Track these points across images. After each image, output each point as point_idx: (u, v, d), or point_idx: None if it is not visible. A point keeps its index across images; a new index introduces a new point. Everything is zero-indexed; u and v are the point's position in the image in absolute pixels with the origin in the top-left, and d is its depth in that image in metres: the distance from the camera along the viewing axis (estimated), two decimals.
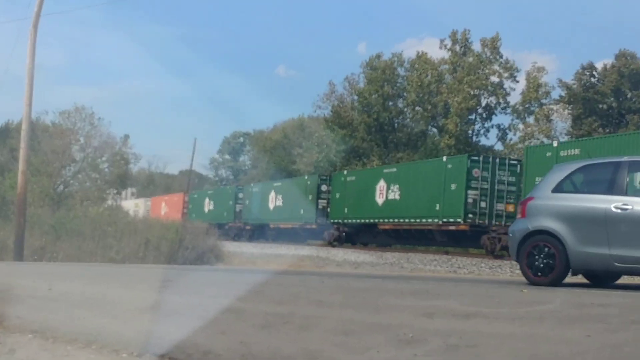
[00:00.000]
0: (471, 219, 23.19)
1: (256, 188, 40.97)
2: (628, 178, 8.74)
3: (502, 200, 23.26)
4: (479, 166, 23.43)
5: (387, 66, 46.13)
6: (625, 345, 4.52)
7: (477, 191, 23.19)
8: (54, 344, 4.88)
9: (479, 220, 23.12)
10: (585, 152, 18.54)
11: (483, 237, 22.58)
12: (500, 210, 23.14)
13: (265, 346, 4.57)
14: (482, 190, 23.23)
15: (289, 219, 34.65)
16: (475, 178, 23.22)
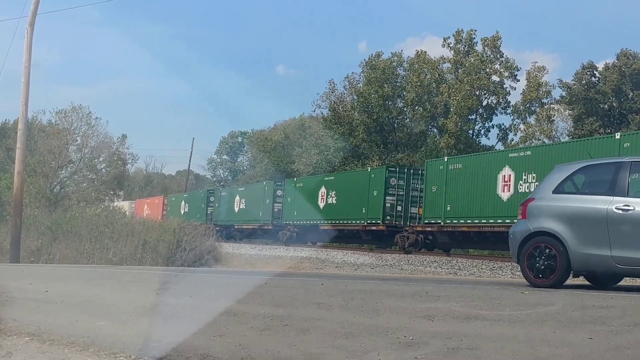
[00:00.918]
0: (388, 221, 27.22)
1: (224, 192, 44.99)
2: (629, 179, 8.69)
3: (415, 204, 27.10)
4: (395, 176, 27.56)
5: (386, 66, 46.14)
6: (627, 348, 4.48)
7: (394, 197, 27.38)
8: (51, 347, 4.84)
9: (395, 222, 27.18)
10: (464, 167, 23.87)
11: (396, 235, 26.47)
12: (414, 213, 26.99)
13: (264, 349, 4.53)
14: (399, 196, 27.39)
15: (250, 220, 38.48)
16: (392, 186, 27.40)
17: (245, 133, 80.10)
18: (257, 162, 70.39)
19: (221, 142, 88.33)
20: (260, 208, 37.62)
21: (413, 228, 25.95)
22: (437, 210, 24.41)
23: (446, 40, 45.24)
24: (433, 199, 24.77)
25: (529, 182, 20.67)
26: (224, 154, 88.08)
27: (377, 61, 46.91)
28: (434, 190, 24.89)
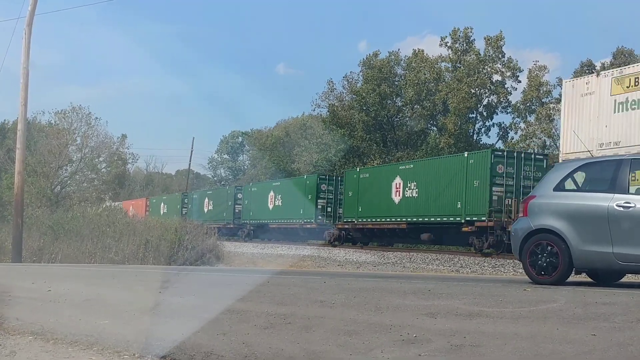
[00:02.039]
0: (320, 220, 33.04)
1: (195, 195, 49.94)
2: (630, 176, 8.69)
3: (342, 206, 32.27)
4: (326, 182, 33.97)
5: (383, 64, 46.11)
6: (630, 344, 4.48)
7: (324, 200, 33.52)
8: (55, 346, 4.84)
9: (326, 221, 32.89)
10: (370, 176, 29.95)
11: (325, 232, 32.40)
12: (341, 213, 32.29)
13: (267, 347, 4.53)
14: (329, 199, 33.59)
15: (217, 220, 42.41)
16: (323, 191, 33.71)
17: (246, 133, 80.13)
18: (257, 161, 70.41)
19: (222, 141, 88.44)
20: (224, 209, 43.28)
21: (336, 226, 31.93)
22: (353, 211, 30.46)
23: (443, 39, 45.26)
24: (349, 202, 30.87)
25: (412, 188, 26.37)
26: (225, 153, 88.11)
27: (375, 60, 46.91)
28: (350, 195, 30.88)
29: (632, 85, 18.02)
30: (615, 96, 18.37)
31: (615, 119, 18.17)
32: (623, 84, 18.24)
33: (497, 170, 22.67)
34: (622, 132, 18.03)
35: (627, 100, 18.04)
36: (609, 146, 18.14)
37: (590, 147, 18.17)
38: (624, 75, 18.43)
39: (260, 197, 39.20)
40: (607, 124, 18.37)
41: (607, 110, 18.43)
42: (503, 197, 22.49)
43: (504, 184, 22.63)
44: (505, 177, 22.71)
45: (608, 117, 18.37)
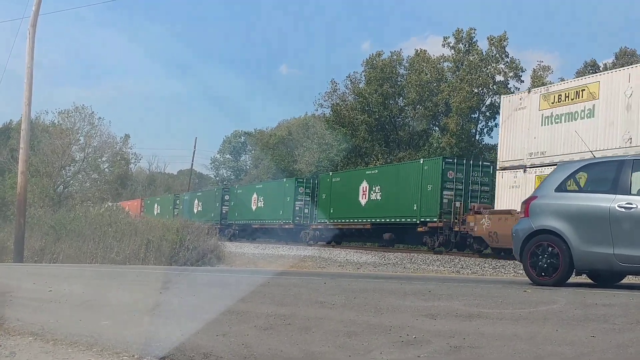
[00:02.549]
0: (297, 220, 35.69)
1: (186, 196, 52.13)
2: (632, 177, 8.68)
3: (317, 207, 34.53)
4: (303, 185, 36.50)
5: (386, 65, 46.11)
6: (630, 346, 4.49)
7: (302, 202, 35.84)
8: (55, 347, 4.85)
9: (303, 221, 35.60)
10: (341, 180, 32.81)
11: (302, 232, 35.00)
12: (316, 214, 34.43)
13: (267, 348, 4.54)
14: (305, 201, 35.81)
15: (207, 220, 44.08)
16: (300, 193, 36.14)
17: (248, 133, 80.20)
18: (259, 161, 70.45)
19: (224, 141, 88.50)
20: (212, 210, 45.16)
21: (311, 226, 34.56)
22: (326, 212, 32.91)
23: (446, 39, 45.25)
24: (323, 204, 33.35)
25: (376, 192, 28.98)
26: (227, 153, 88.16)
27: (378, 60, 46.92)
28: (323, 198, 33.59)
29: (556, 101, 20.19)
30: (542, 111, 20.56)
31: (542, 131, 20.34)
32: (549, 100, 20.48)
33: (447, 176, 25.00)
34: (548, 143, 20.18)
35: (552, 115, 20.23)
36: (537, 156, 20.42)
37: (522, 156, 20.89)
38: (550, 92, 20.68)
39: (245, 198, 41.70)
40: (536, 136, 20.53)
41: (535, 124, 20.61)
42: (453, 200, 24.55)
43: (454, 188, 24.88)
44: (455, 182, 24.93)
45: (536, 130, 20.54)
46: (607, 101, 18.72)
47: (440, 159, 26.06)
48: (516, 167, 21.33)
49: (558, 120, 20.03)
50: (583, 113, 19.35)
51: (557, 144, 19.87)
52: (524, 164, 21.03)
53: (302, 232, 35.04)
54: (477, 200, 24.80)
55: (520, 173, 21.05)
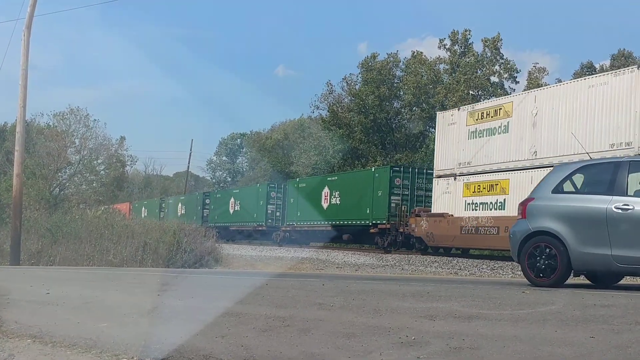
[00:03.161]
0: (270, 223, 38.76)
1: (171, 200, 55.66)
2: (628, 178, 8.70)
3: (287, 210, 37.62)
4: (275, 190, 39.46)
5: (382, 67, 46.16)
6: (629, 347, 4.49)
7: (274, 205, 39.04)
8: (53, 349, 4.84)
9: (275, 224, 38.57)
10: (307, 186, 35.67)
11: (273, 234, 38.04)
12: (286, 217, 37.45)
13: (266, 350, 4.53)
14: (277, 205, 38.92)
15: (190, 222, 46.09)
16: (272, 197, 39.25)
17: (245, 135, 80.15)
18: (256, 163, 70.42)
19: (220, 143, 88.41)
20: (194, 213, 47.48)
21: (281, 228, 37.45)
22: (294, 215, 36.12)
23: (442, 41, 45.33)
24: (291, 208, 36.56)
25: (336, 197, 32.18)
26: (223, 155, 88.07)
27: (374, 62, 46.95)
28: (292, 202, 36.55)
29: (480, 118, 22.74)
30: (469, 126, 23.11)
31: (468, 144, 22.95)
32: (474, 117, 23.02)
33: (395, 183, 27.78)
34: (472, 155, 22.73)
35: (477, 130, 22.79)
36: (464, 165, 23.15)
37: (453, 165, 23.64)
38: (475, 110, 23.30)
39: (224, 202, 44.89)
40: (464, 148, 23.16)
41: (463, 137, 23.24)
42: (400, 204, 27.31)
43: (401, 193, 27.64)
44: (402, 188, 27.70)
45: (464, 143, 23.21)
46: (518, 119, 21.16)
47: (388, 168, 29.25)
48: (448, 175, 23.94)
49: (481, 134, 22.61)
50: (500, 129, 21.86)
51: (479, 156, 22.48)
52: (454, 173, 23.68)
53: (273, 233, 38.02)
54: (422, 204, 27.23)
55: (451, 180, 23.68)
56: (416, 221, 24.99)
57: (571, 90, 19.78)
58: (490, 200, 21.81)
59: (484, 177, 22.19)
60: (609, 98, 18.31)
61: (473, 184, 22.56)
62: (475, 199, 22.35)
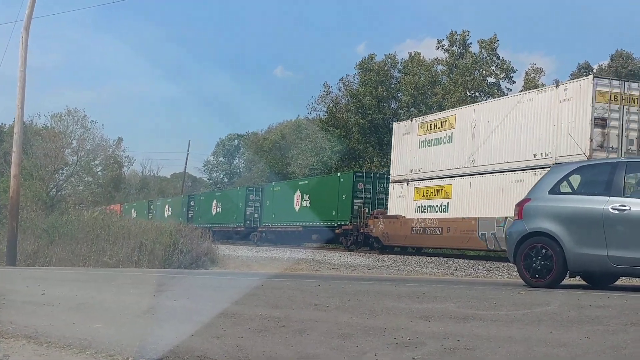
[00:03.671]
0: (248, 224, 40.89)
1: (159, 202, 58.04)
2: (625, 179, 8.72)
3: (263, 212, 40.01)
4: (253, 193, 41.68)
5: (380, 67, 46.19)
6: (624, 347, 4.49)
7: (252, 207, 41.03)
8: (48, 349, 4.83)
9: (253, 224, 40.66)
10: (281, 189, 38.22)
11: (251, 234, 40.15)
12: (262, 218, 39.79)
13: (261, 350, 4.53)
14: (255, 207, 40.82)
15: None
16: (251, 200, 41.27)
17: (242, 136, 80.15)
18: (253, 164, 70.41)
19: (218, 144, 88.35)
20: (180, 215, 48.29)
21: (258, 229, 39.66)
22: (269, 217, 38.66)
23: (440, 42, 45.38)
24: (267, 210, 39.13)
25: (306, 200, 34.49)
26: (221, 156, 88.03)
27: (371, 63, 46.98)
28: (267, 204, 39.12)
29: (429, 129, 25.04)
30: (420, 136, 25.46)
31: (419, 152, 25.27)
32: (424, 128, 25.32)
33: (358, 187, 30.23)
34: (422, 162, 25.03)
35: (426, 140, 25.08)
36: (415, 172, 25.48)
37: (406, 172, 25.98)
38: (425, 121, 25.67)
39: (207, 205, 47.34)
40: (415, 156, 25.48)
41: (415, 146, 25.61)
42: (362, 207, 29.54)
43: (363, 197, 30.02)
44: (364, 192, 30.10)
45: (416, 151, 25.54)
46: (460, 130, 23.26)
47: (351, 173, 31.92)
48: (402, 180, 26.34)
49: (430, 144, 24.88)
50: (445, 139, 24.10)
51: (428, 163, 24.79)
52: (407, 178, 26.02)
53: (251, 234, 40.23)
54: (382, 207, 28.98)
55: (404, 185, 26.10)
56: (374, 222, 27.36)
57: (503, 105, 21.87)
58: (436, 204, 24.12)
59: (431, 183, 24.50)
60: (533, 113, 20.22)
61: (422, 188, 24.96)
62: (424, 202, 24.77)
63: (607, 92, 18.68)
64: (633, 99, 18.71)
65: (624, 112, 18.68)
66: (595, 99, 18.46)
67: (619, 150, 18.55)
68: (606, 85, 18.79)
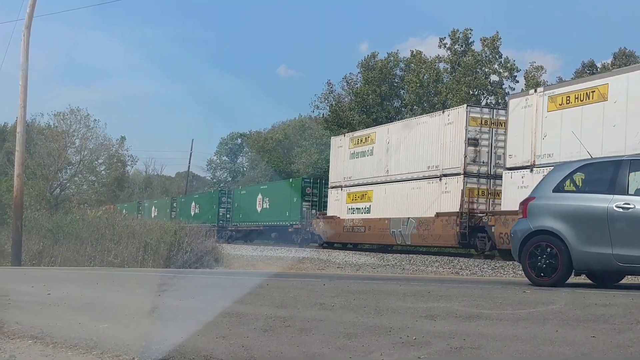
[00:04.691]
0: (221, 223, 43.36)
1: (147, 203, 60.68)
2: (629, 177, 8.70)
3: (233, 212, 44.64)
4: (225, 196, 46.17)
5: (383, 66, 46.14)
6: (630, 346, 4.49)
7: (225, 209, 45.06)
8: (54, 350, 4.84)
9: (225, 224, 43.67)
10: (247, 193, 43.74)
11: (222, 232, 41.56)
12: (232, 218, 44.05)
13: (267, 350, 4.53)
14: (227, 208, 45.00)
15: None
16: (223, 202, 45.16)
17: (245, 135, 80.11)
18: (256, 163, 70.39)
19: (221, 143, 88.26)
20: (164, 215, 50.15)
21: (228, 228, 43.25)
22: (237, 217, 43.35)
23: (442, 40, 45.28)
24: (236, 211, 43.64)
25: (266, 202, 39.36)
26: (224, 155, 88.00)
27: (373, 61, 46.93)
28: (236, 206, 43.71)
29: (357, 143, 29.35)
30: (350, 149, 29.76)
31: (350, 163, 29.68)
32: (354, 142, 29.72)
33: (306, 192, 34.95)
34: (352, 171, 29.35)
35: (355, 152, 29.41)
36: (347, 179, 29.72)
37: (340, 178, 30.28)
38: (355, 137, 30.09)
39: (187, 206, 51.54)
40: (347, 166, 29.83)
41: (347, 157, 29.91)
42: (310, 209, 34.26)
43: (311, 200, 34.68)
44: (312, 196, 34.80)
45: (347, 162, 29.88)
46: (379, 145, 27.54)
47: (300, 179, 37.01)
48: (338, 186, 30.74)
49: (357, 156, 29.17)
50: (368, 152, 28.38)
51: (356, 172, 28.99)
52: (341, 185, 30.31)
53: (223, 232, 42.64)
54: (325, 209, 32.77)
55: (340, 190, 30.46)
56: (316, 222, 32.22)
57: (407, 125, 26.54)
58: (361, 206, 28.51)
59: (358, 189, 28.95)
60: (427, 134, 24.34)
61: (352, 193, 29.41)
62: (353, 205, 29.17)
63: (478, 118, 22.41)
64: (500, 123, 22.00)
65: (493, 133, 22.32)
66: (469, 123, 22.24)
67: (489, 163, 22.44)
68: (478, 112, 22.71)
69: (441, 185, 23.32)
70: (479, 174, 22.39)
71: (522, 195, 16.53)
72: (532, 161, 19.05)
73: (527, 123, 19.32)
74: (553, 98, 18.75)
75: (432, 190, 23.80)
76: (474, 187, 22.35)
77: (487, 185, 22.39)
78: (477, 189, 22.38)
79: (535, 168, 18.77)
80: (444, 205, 22.91)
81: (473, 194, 22.18)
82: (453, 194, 22.57)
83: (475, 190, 22.27)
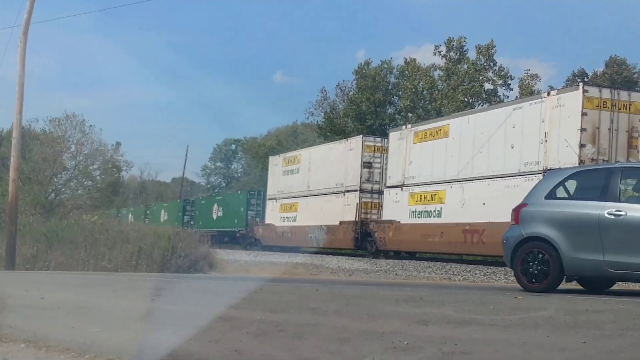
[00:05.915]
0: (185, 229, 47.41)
1: (124, 211, 63.52)
2: (621, 184, 8.76)
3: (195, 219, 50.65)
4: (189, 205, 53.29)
5: (377, 73, 46.20)
6: (621, 352, 4.52)
7: (189, 216, 50.65)
8: (47, 353, 4.84)
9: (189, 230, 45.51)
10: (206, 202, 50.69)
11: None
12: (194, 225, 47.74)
13: (259, 354, 4.55)
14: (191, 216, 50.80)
15: None
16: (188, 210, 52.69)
17: (239, 141, 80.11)
18: (250, 168, 70.41)
19: (215, 149, 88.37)
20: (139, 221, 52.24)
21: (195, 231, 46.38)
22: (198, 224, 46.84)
23: (437, 48, 45.34)
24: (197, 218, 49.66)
25: (221, 211, 45.62)
26: (218, 161, 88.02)
27: (367, 69, 47.00)
28: (197, 214, 50.16)
29: (289, 162, 34.81)
30: (282, 167, 35.33)
31: (282, 178, 35.17)
32: (287, 161, 35.13)
33: (251, 202, 41.26)
34: (284, 186, 34.73)
35: (286, 170, 34.94)
36: (280, 193, 35.29)
37: (275, 192, 35.82)
38: (286, 157, 35.75)
39: (157, 213, 57.29)
40: (280, 182, 35.39)
41: (281, 174, 35.53)
42: (255, 217, 40.20)
43: (255, 209, 40.78)
44: (256, 206, 40.89)
45: (280, 178, 35.43)
46: (303, 165, 33.26)
47: (246, 192, 43.54)
48: (273, 198, 36.13)
49: (288, 173, 34.65)
50: (295, 170, 33.87)
51: (287, 187, 34.37)
52: (276, 197, 35.77)
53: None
54: None
55: (274, 201, 35.95)
56: (257, 229, 38.13)
57: (322, 150, 32.77)
58: (290, 215, 33.86)
59: (288, 201, 34.29)
60: (336, 157, 30.18)
61: (284, 204, 34.69)
62: (284, 214, 34.49)
63: (372, 145, 28.14)
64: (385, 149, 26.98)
65: (384, 158, 27.24)
66: (364, 149, 27.99)
67: (380, 182, 27.47)
68: (372, 141, 28.42)
69: (344, 199, 29.05)
70: (372, 191, 27.99)
71: (396, 208, 25.14)
72: (402, 182, 24.88)
73: (400, 152, 25.21)
74: (417, 133, 24.33)
75: (338, 203, 29.46)
76: (367, 201, 28.12)
77: (379, 200, 27.70)
78: (370, 202, 28.08)
79: (404, 187, 24.79)
80: (346, 215, 28.45)
81: (366, 206, 27.91)
82: (352, 207, 28.25)
83: (368, 204, 28.02)
